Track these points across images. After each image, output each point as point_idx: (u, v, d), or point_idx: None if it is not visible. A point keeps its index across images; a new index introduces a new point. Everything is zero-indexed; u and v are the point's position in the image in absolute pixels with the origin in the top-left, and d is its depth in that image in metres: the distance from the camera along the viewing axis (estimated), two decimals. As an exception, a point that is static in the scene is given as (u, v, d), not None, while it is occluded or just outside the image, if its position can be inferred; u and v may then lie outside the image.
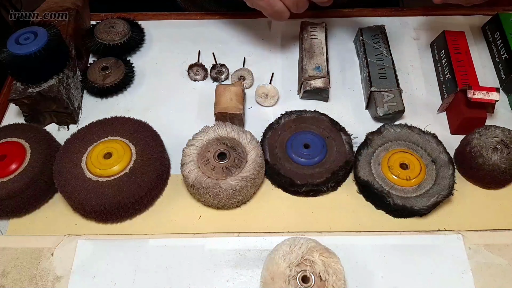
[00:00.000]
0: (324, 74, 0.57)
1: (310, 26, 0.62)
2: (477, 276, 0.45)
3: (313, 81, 0.57)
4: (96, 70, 0.60)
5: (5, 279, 0.45)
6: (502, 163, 0.48)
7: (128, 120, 0.53)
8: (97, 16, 0.70)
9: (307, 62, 0.58)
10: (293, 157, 0.51)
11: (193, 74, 0.62)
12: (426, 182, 0.48)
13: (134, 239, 0.48)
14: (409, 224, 0.49)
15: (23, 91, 0.53)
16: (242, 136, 0.50)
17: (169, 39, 0.68)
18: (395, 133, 0.52)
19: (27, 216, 0.50)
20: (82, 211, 0.49)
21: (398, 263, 0.46)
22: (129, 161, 0.49)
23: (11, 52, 0.50)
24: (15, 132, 0.51)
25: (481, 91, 0.51)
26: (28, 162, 0.49)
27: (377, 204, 0.50)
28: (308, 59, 0.59)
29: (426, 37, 0.67)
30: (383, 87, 0.56)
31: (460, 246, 0.47)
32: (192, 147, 0.49)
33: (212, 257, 0.47)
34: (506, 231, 0.48)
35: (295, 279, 0.40)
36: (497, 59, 0.63)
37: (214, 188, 0.46)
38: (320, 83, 0.57)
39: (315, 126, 0.53)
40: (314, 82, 0.57)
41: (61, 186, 0.47)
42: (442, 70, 0.61)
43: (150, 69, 0.64)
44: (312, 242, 0.42)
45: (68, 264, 0.46)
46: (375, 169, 0.50)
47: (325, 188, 0.49)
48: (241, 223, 0.49)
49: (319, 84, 0.57)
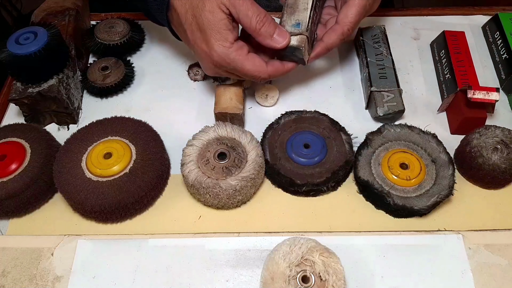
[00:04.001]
0: (302, 30, 0.50)
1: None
2: (477, 276, 0.45)
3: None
4: (96, 70, 0.60)
5: (5, 279, 0.45)
6: (502, 163, 0.48)
7: (128, 120, 0.53)
8: (97, 16, 0.70)
9: (287, 18, 0.51)
10: (293, 157, 0.51)
11: (193, 74, 0.62)
12: (426, 182, 0.48)
13: (134, 239, 0.48)
14: (409, 224, 0.49)
15: (23, 91, 0.53)
16: (242, 136, 0.50)
17: (169, 39, 0.67)
18: (395, 133, 0.52)
19: (27, 216, 0.50)
20: (82, 211, 0.49)
21: (398, 263, 0.46)
22: (129, 161, 0.49)
23: (11, 52, 0.50)
24: (15, 132, 0.51)
25: (481, 91, 0.51)
26: (28, 162, 0.49)
27: (377, 204, 0.50)
28: (289, 15, 0.51)
29: (426, 37, 0.67)
30: (383, 87, 0.56)
31: (460, 246, 0.47)
32: (192, 147, 0.49)
33: (212, 257, 0.47)
34: (506, 231, 0.48)
35: (295, 279, 0.40)
36: (497, 59, 0.63)
37: (214, 188, 0.46)
38: (294, 40, 0.49)
39: (315, 126, 0.53)
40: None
41: (61, 186, 0.47)
42: (442, 70, 0.61)
43: (150, 69, 0.64)
44: (312, 242, 0.42)
45: (68, 264, 0.46)
46: (375, 169, 0.50)
47: (325, 188, 0.49)
48: (241, 223, 0.49)
49: (293, 41, 0.49)
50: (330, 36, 0.51)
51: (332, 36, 0.51)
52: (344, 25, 0.50)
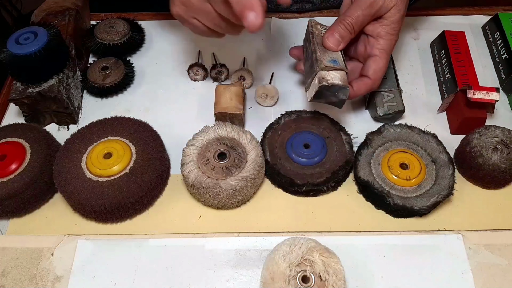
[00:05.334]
0: (342, 66, 0.48)
1: (319, 25, 0.54)
2: (477, 276, 0.45)
3: (329, 77, 0.47)
4: (96, 70, 0.60)
5: (5, 279, 0.45)
6: (502, 163, 0.48)
7: (128, 120, 0.53)
8: (97, 16, 0.70)
9: (321, 54, 0.49)
10: (293, 157, 0.51)
11: (193, 74, 0.62)
12: (426, 182, 0.48)
13: (134, 239, 0.48)
14: (409, 224, 0.49)
15: (23, 91, 0.53)
16: (242, 136, 0.50)
17: (169, 39, 0.68)
18: (395, 133, 0.52)
19: (27, 216, 0.50)
20: (82, 211, 0.49)
21: (398, 263, 0.46)
22: (129, 161, 0.49)
23: (11, 52, 0.50)
24: (15, 132, 0.51)
25: (481, 91, 0.51)
26: (28, 162, 0.49)
27: (377, 204, 0.50)
28: (322, 52, 0.49)
29: (426, 37, 0.67)
30: (383, 87, 0.56)
31: (460, 246, 0.47)
32: (192, 147, 0.49)
33: (212, 257, 0.47)
34: (506, 231, 0.48)
35: (295, 279, 0.40)
36: (497, 59, 0.63)
37: (214, 188, 0.46)
38: (338, 79, 0.47)
39: (315, 126, 0.53)
40: (331, 78, 0.47)
41: (61, 186, 0.47)
42: (442, 70, 0.61)
43: (150, 69, 0.64)
44: (312, 242, 0.42)
45: (68, 264, 0.46)
46: (375, 169, 0.50)
47: (325, 188, 0.49)
48: (241, 223, 0.49)
49: (337, 81, 0.47)
50: (360, 88, 0.51)
51: (362, 88, 0.51)
52: (375, 80, 0.51)
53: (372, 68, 0.51)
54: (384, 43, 0.51)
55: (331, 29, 0.50)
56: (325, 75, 0.47)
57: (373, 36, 0.51)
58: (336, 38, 0.49)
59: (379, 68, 0.51)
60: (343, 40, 0.49)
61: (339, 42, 0.49)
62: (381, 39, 0.51)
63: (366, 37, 0.52)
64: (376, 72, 0.51)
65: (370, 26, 0.51)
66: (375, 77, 0.51)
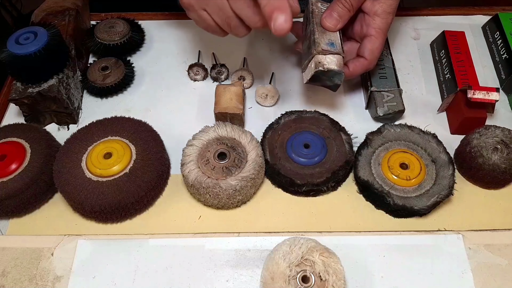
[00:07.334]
0: (338, 50, 0.48)
1: (320, 3, 0.53)
2: (477, 276, 0.45)
3: (326, 61, 0.47)
4: (96, 70, 0.60)
5: (5, 279, 0.45)
6: (502, 163, 0.48)
7: (128, 120, 0.53)
8: (97, 16, 0.70)
9: (320, 36, 0.48)
10: (293, 157, 0.51)
11: (193, 74, 0.62)
12: (426, 182, 0.48)
13: (134, 239, 0.48)
14: (409, 224, 0.49)
15: (23, 91, 0.53)
16: (242, 136, 0.50)
17: (169, 39, 0.68)
18: (395, 133, 0.52)
19: (27, 216, 0.50)
20: (82, 211, 0.49)
21: (398, 263, 0.46)
22: (129, 161, 0.49)
23: (11, 52, 0.50)
24: (15, 132, 0.51)
25: (481, 91, 0.51)
26: (28, 162, 0.49)
27: (377, 204, 0.50)
28: (321, 33, 0.49)
29: (426, 37, 0.67)
30: (383, 87, 0.56)
31: (460, 246, 0.47)
32: (192, 147, 0.49)
33: (212, 257, 0.47)
34: (506, 231, 0.48)
35: (295, 279, 0.40)
36: (497, 59, 0.63)
37: (214, 188, 0.46)
38: (334, 64, 0.47)
39: (315, 126, 0.53)
40: (327, 63, 0.47)
41: (61, 186, 0.47)
42: (442, 70, 0.61)
43: (150, 69, 0.64)
44: (312, 242, 0.42)
45: (68, 264, 0.46)
46: (375, 169, 0.50)
47: (325, 188, 0.49)
48: (241, 223, 0.49)
49: (333, 66, 0.47)
50: (356, 68, 0.52)
51: (358, 68, 0.52)
52: (371, 61, 0.52)
53: (368, 48, 0.51)
54: (380, 21, 0.51)
55: (330, 9, 0.50)
56: (321, 59, 0.47)
57: (369, 14, 0.51)
58: (334, 17, 0.49)
59: (375, 48, 0.51)
60: (342, 19, 0.50)
61: (337, 22, 0.49)
62: (378, 17, 0.51)
63: (363, 15, 0.52)
64: (372, 52, 0.51)
65: (368, 2, 0.51)
66: (371, 57, 0.51)
